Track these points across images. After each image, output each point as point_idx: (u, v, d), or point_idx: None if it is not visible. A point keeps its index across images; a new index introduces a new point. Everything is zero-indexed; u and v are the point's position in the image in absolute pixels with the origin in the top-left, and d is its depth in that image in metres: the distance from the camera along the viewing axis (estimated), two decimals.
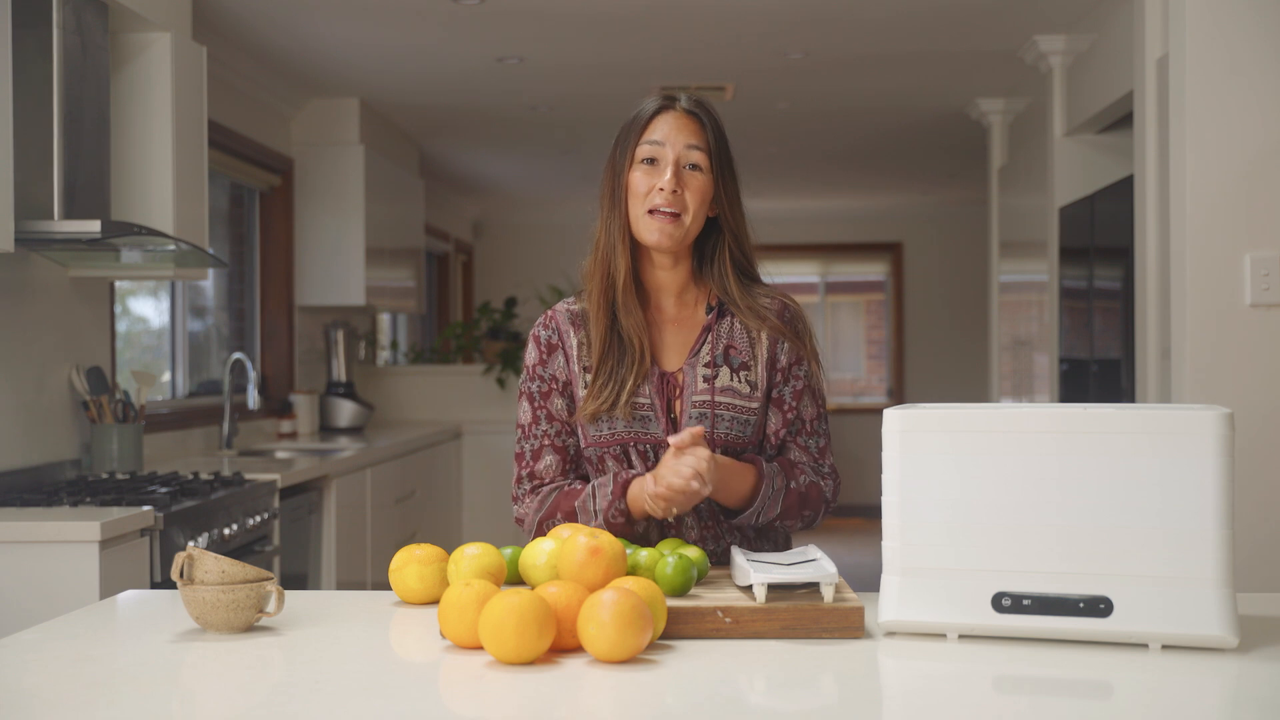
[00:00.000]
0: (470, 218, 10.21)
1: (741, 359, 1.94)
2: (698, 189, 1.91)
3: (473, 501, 6.77)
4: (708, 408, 1.91)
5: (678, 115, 1.93)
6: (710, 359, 1.94)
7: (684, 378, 1.94)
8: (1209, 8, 3.30)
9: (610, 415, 1.92)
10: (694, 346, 1.95)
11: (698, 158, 1.91)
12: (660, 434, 1.91)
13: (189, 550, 1.63)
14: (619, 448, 1.92)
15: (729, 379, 1.93)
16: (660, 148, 1.91)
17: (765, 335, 1.95)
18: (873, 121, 6.78)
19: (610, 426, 1.93)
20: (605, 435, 1.93)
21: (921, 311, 10.76)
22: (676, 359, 1.96)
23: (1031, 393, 5.58)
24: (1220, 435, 1.46)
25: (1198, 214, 3.31)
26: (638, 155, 1.92)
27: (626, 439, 1.92)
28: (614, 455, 1.93)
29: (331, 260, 5.93)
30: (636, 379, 1.91)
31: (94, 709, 1.30)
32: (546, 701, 1.32)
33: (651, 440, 1.92)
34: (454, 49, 5.17)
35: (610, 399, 1.91)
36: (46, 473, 3.62)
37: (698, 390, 1.92)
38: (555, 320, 2.00)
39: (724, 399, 1.92)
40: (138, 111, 3.74)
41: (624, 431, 1.92)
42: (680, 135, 1.91)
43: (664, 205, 1.89)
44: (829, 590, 1.56)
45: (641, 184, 1.91)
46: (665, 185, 1.89)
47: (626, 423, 1.92)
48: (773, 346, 1.96)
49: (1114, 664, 1.44)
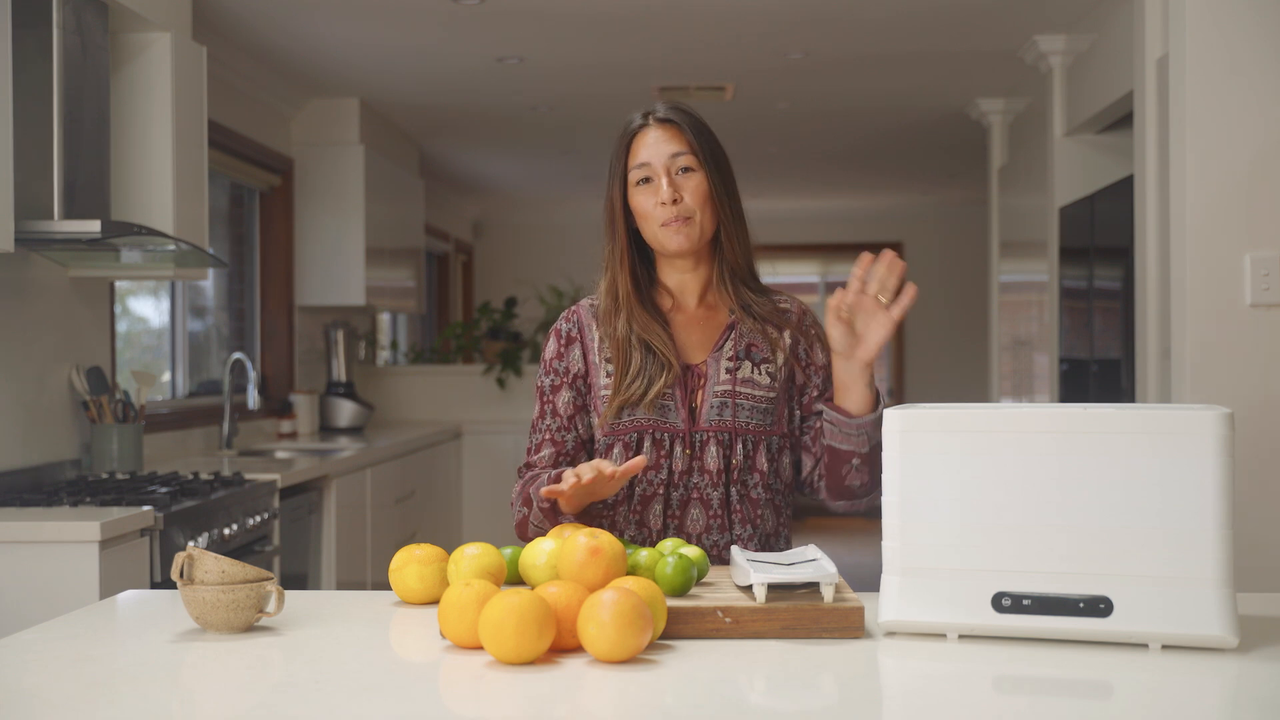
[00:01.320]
0: (470, 218, 10.22)
1: (762, 355, 2.01)
2: (695, 188, 1.97)
3: (473, 501, 6.78)
4: (729, 397, 1.97)
5: (656, 128, 1.98)
6: (733, 353, 2.00)
7: (708, 369, 1.99)
8: (1209, 8, 3.30)
9: (636, 407, 1.97)
10: (718, 342, 2.01)
11: (685, 160, 1.97)
12: (679, 424, 1.96)
13: (189, 550, 1.63)
14: (634, 435, 1.97)
15: (750, 371, 2.00)
16: (648, 166, 1.97)
17: (787, 335, 2.02)
18: (873, 121, 6.78)
19: (631, 414, 1.97)
20: (626, 423, 1.97)
21: (921, 311, 10.77)
22: (700, 354, 2.02)
23: (1031, 393, 5.58)
24: (1220, 435, 1.46)
25: (1198, 214, 3.31)
26: (631, 180, 1.99)
27: (645, 427, 1.97)
28: (625, 443, 1.98)
29: (331, 260, 5.93)
30: (666, 382, 1.96)
31: (94, 709, 1.30)
32: (546, 701, 1.32)
33: (669, 429, 1.96)
34: (454, 49, 5.17)
35: (639, 392, 1.96)
36: (46, 473, 3.62)
37: (720, 381, 1.98)
38: (578, 314, 2.07)
39: (744, 389, 1.98)
40: (138, 111, 3.74)
41: (643, 419, 1.97)
42: (661, 147, 1.97)
43: (670, 217, 1.95)
44: (829, 590, 1.56)
45: (645, 204, 1.97)
46: (665, 199, 1.95)
47: (646, 411, 1.97)
48: (794, 345, 2.03)
49: (1114, 664, 1.44)
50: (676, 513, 1.96)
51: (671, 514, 1.96)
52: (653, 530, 1.96)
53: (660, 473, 1.96)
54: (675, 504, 1.96)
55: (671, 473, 1.96)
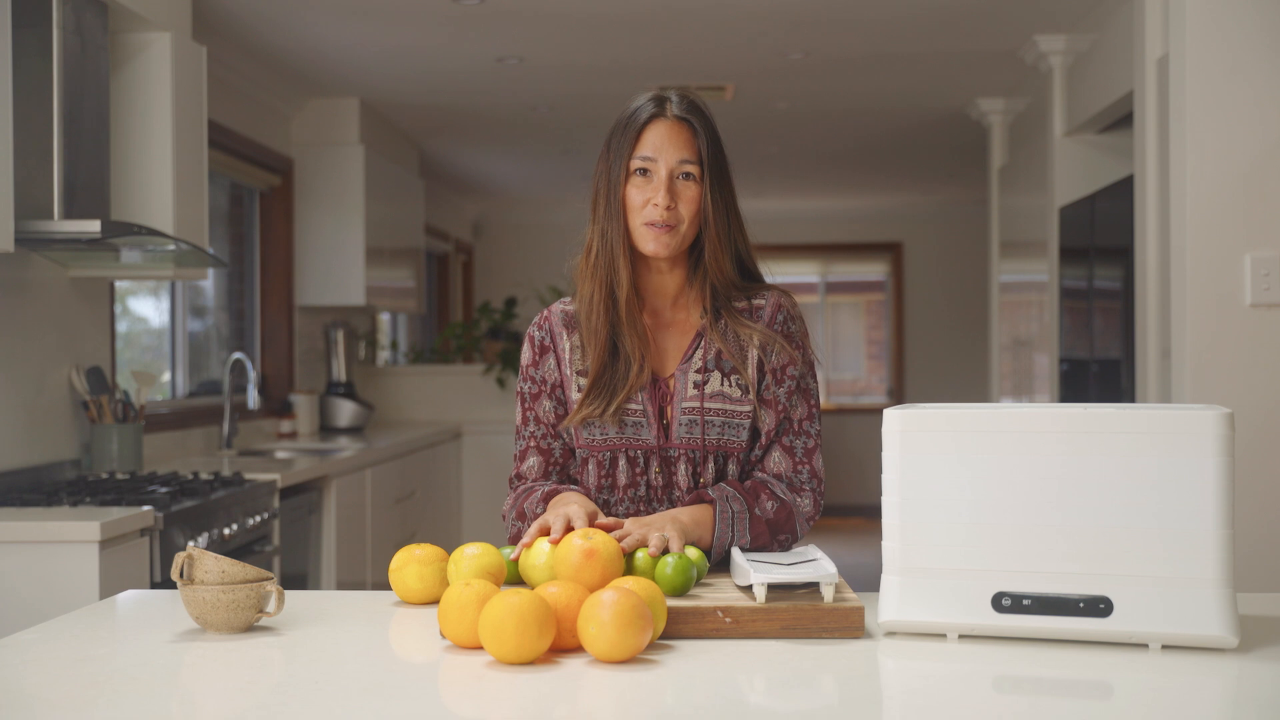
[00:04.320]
0: (470, 218, 10.21)
1: (732, 363, 1.94)
2: (691, 199, 1.90)
3: (473, 501, 6.77)
4: (697, 414, 1.92)
5: (670, 125, 1.91)
6: (702, 364, 1.94)
7: (675, 384, 1.94)
8: (1209, 8, 3.30)
9: (601, 421, 1.92)
10: (687, 351, 1.95)
11: (690, 169, 1.90)
12: (652, 440, 1.92)
13: (189, 550, 1.63)
14: (608, 454, 1.93)
15: (720, 384, 1.93)
16: (652, 162, 1.90)
17: (756, 338, 1.94)
18: (873, 121, 6.78)
19: (603, 432, 1.93)
20: (598, 440, 1.93)
21: (921, 311, 10.76)
22: (671, 364, 1.96)
23: (1031, 393, 5.58)
24: (1220, 435, 1.46)
25: (1198, 214, 3.31)
26: (631, 168, 1.92)
27: (618, 445, 1.92)
28: (599, 460, 1.94)
29: (331, 260, 5.93)
30: (630, 391, 1.91)
31: (94, 709, 1.30)
32: (546, 701, 1.32)
33: (643, 446, 1.92)
34: (454, 49, 5.17)
35: (601, 406, 1.92)
36: (46, 473, 3.62)
37: (687, 397, 1.92)
38: (549, 322, 2.00)
39: (713, 404, 1.92)
40: (138, 111, 3.74)
41: (616, 438, 1.93)
42: (672, 148, 1.90)
43: (659, 220, 1.89)
44: (829, 590, 1.56)
45: (636, 198, 1.91)
46: (660, 201, 1.88)
47: (619, 429, 1.92)
48: (763, 348, 1.95)
49: (1114, 664, 1.44)
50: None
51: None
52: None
53: (639, 489, 1.93)
54: None
55: (650, 489, 1.93)
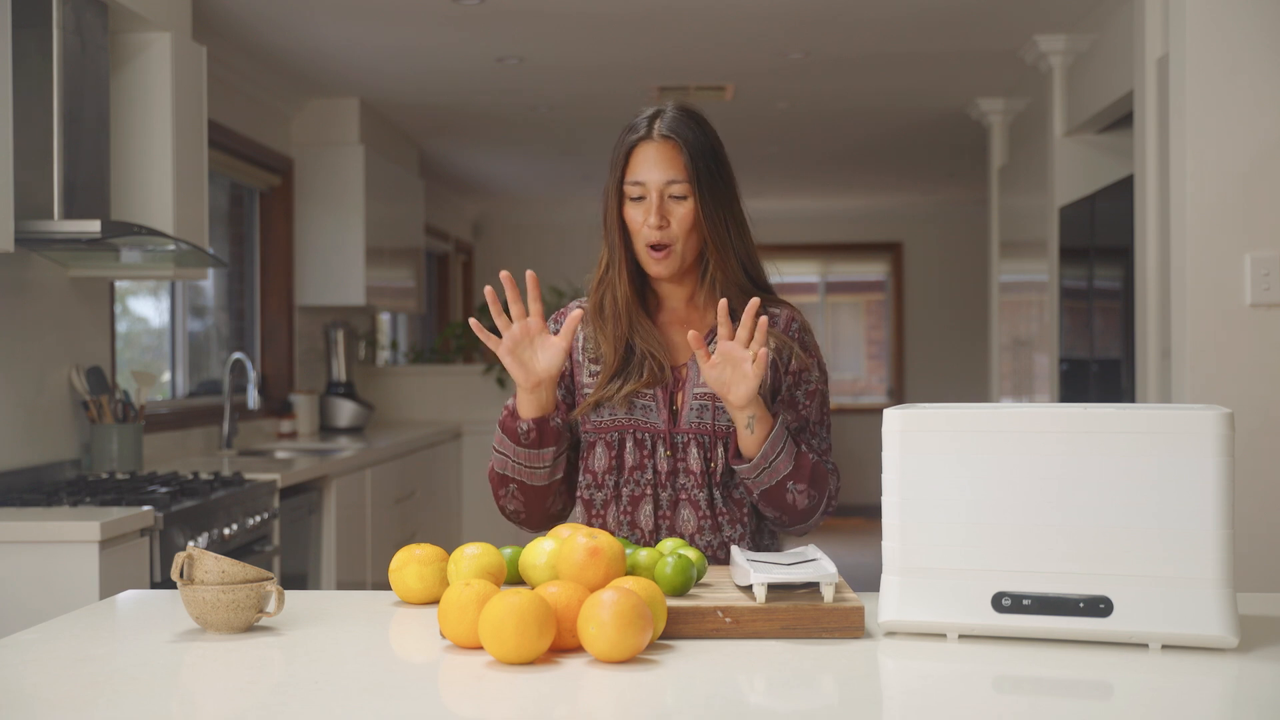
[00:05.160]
0: (470, 218, 10.21)
1: None
2: (683, 217, 1.95)
3: (473, 501, 6.77)
4: (709, 399, 1.96)
5: (656, 146, 1.95)
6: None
7: (688, 371, 1.99)
8: (1209, 8, 3.30)
9: (611, 402, 1.97)
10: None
11: (677, 189, 1.95)
12: (660, 425, 1.96)
13: (189, 550, 1.63)
14: (616, 434, 1.97)
15: None
16: (642, 185, 1.96)
17: (772, 340, 1.98)
18: (873, 121, 6.78)
19: (611, 413, 1.98)
20: (606, 421, 1.98)
21: (921, 311, 10.76)
22: (683, 354, 2.01)
23: (1031, 393, 5.58)
24: (1220, 435, 1.46)
25: (1198, 214, 3.31)
26: (625, 194, 1.98)
27: (626, 426, 1.97)
28: (607, 442, 1.98)
29: (331, 260, 5.93)
30: (644, 385, 1.96)
31: (94, 709, 1.30)
32: (546, 701, 1.32)
33: (650, 429, 1.96)
34: (454, 49, 5.17)
35: (614, 390, 1.97)
36: (46, 473, 3.62)
37: (699, 383, 1.97)
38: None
39: None
40: (138, 111, 3.74)
41: (625, 419, 1.97)
42: (658, 170, 1.95)
43: (653, 241, 1.95)
44: (829, 590, 1.56)
45: (634, 220, 1.98)
46: (651, 223, 1.95)
47: (627, 410, 1.97)
48: (778, 350, 1.99)
49: (1114, 664, 1.44)
50: (667, 514, 1.96)
51: (663, 514, 1.96)
52: (645, 531, 1.96)
53: (645, 473, 1.96)
54: (665, 505, 1.96)
55: (657, 473, 1.96)
